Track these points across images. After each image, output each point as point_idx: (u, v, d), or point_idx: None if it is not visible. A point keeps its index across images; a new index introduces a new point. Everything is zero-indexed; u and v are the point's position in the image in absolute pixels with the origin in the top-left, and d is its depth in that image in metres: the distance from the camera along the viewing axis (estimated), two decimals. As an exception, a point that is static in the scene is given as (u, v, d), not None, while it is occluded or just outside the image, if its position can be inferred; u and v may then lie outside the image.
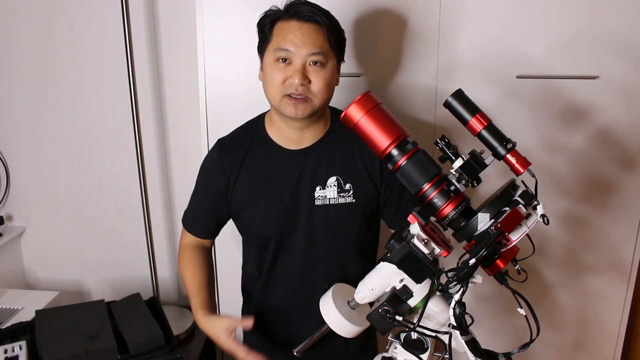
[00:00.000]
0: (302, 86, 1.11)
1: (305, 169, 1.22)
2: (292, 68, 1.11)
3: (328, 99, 1.17)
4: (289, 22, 1.12)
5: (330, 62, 1.14)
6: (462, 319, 0.87)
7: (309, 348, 1.12)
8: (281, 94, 1.13)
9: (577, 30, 1.49)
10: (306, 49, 1.10)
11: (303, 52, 1.10)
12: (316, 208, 1.22)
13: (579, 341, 1.78)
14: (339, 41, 1.17)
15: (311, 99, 1.13)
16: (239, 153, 1.25)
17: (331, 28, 1.13)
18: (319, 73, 1.12)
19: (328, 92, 1.15)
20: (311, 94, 1.13)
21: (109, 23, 1.78)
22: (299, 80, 1.10)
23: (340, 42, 1.18)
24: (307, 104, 1.13)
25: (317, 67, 1.12)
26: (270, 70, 1.14)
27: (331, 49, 1.14)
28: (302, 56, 1.10)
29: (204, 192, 1.32)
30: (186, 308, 1.97)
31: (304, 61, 1.11)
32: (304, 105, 1.13)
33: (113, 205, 2.02)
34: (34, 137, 1.99)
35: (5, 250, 2.03)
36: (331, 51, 1.14)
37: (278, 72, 1.12)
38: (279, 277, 1.29)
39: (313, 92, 1.13)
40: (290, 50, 1.10)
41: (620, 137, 1.58)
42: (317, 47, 1.11)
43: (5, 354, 1.39)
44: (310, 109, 1.14)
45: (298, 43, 1.10)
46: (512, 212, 0.84)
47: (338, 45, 1.17)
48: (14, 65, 1.91)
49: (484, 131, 0.88)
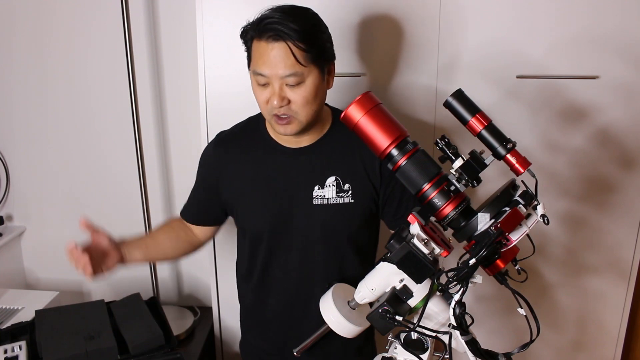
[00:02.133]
0: (282, 107, 1.09)
1: (304, 168, 1.21)
2: (271, 90, 1.09)
3: (316, 110, 1.14)
4: (260, 42, 1.07)
5: (310, 76, 1.09)
6: (462, 319, 0.87)
7: (308, 348, 1.12)
8: (269, 114, 1.13)
9: (577, 30, 1.49)
10: (279, 70, 1.06)
11: (277, 75, 1.07)
12: (314, 208, 1.21)
13: (579, 341, 1.78)
14: (318, 51, 1.09)
15: (294, 117, 1.11)
16: (236, 147, 1.25)
17: (302, 43, 1.05)
18: (296, 92, 1.09)
19: (312, 105, 1.12)
20: (293, 112, 1.11)
21: (109, 23, 1.78)
22: (278, 102, 1.08)
23: (319, 51, 1.10)
24: (293, 124, 1.12)
25: (295, 87, 1.09)
26: (255, 90, 1.13)
27: (307, 62, 1.08)
28: (277, 78, 1.08)
29: (198, 183, 1.35)
30: (186, 308, 1.97)
31: (280, 83, 1.08)
32: (290, 125, 1.12)
33: (113, 205, 2.02)
34: (34, 137, 1.99)
35: (5, 250, 2.03)
36: (308, 65, 1.07)
37: (260, 94, 1.11)
38: (276, 276, 1.29)
39: (294, 110, 1.10)
40: (265, 75, 1.08)
41: (620, 137, 1.58)
42: (287, 69, 1.06)
43: (5, 354, 1.39)
44: (298, 127, 1.13)
45: (270, 66, 1.06)
46: (512, 212, 0.84)
47: (317, 55, 1.09)
48: (14, 66, 1.91)
49: (484, 131, 0.88)
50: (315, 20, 1.12)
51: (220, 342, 1.86)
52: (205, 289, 2.08)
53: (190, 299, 2.12)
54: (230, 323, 1.82)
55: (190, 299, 2.12)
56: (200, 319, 1.91)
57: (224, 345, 1.86)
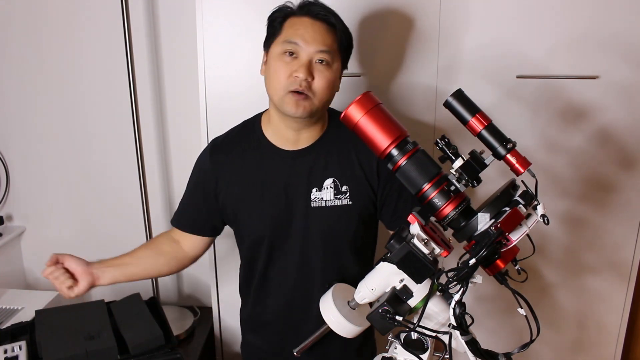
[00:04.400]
0: (305, 81, 1.10)
1: (301, 170, 1.21)
2: (298, 62, 1.11)
3: (328, 100, 1.17)
4: (302, 18, 1.13)
5: (335, 64, 1.15)
6: (462, 319, 0.87)
7: (308, 348, 1.12)
8: (285, 90, 1.12)
9: (577, 31, 1.49)
10: (315, 45, 1.11)
11: (311, 49, 1.11)
12: (312, 210, 1.21)
13: (579, 341, 1.78)
14: (347, 45, 1.18)
15: (311, 97, 1.12)
16: (233, 153, 1.25)
17: (342, 30, 1.15)
18: (323, 72, 1.12)
19: (329, 93, 1.15)
20: (312, 92, 1.12)
21: (108, 23, 1.78)
22: (304, 74, 1.10)
23: (348, 46, 1.19)
24: (307, 102, 1.13)
25: (323, 66, 1.12)
26: (276, 63, 1.13)
27: (338, 50, 1.15)
28: (310, 52, 1.11)
29: (192, 191, 1.33)
30: (186, 308, 1.97)
31: (311, 57, 1.11)
32: (304, 102, 1.12)
33: (113, 205, 2.02)
34: (34, 137, 1.99)
35: (5, 250, 2.03)
36: (338, 53, 1.15)
37: (283, 66, 1.12)
38: (276, 279, 1.29)
39: (314, 90, 1.12)
40: (299, 44, 1.11)
41: (620, 137, 1.58)
42: (325, 46, 1.11)
43: (5, 354, 1.39)
44: (310, 108, 1.13)
45: (308, 38, 1.11)
46: (512, 212, 0.84)
47: (345, 49, 1.18)
48: (14, 66, 1.91)
49: (484, 131, 0.88)
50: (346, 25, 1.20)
51: (220, 342, 1.86)
52: (205, 289, 2.08)
53: (190, 299, 2.12)
54: (230, 323, 1.82)
55: (190, 299, 2.12)
56: (200, 319, 1.91)
57: (224, 345, 1.86)
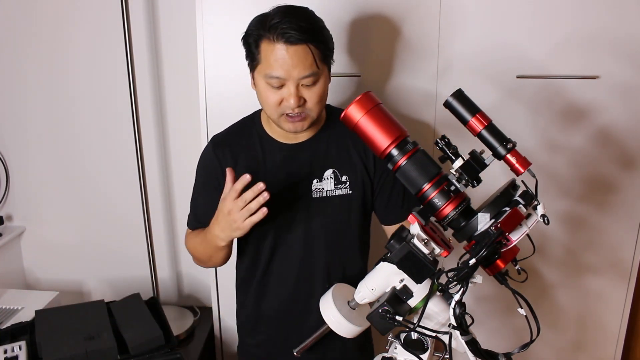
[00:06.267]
0: (298, 107, 1.10)
1: (301, 162, 1.23)
2: (287, 91, 1.09)
3: (324, 106, 1.18)
4: (275, 45, 1.06)
5: (322, 75, 1.12)
6: (462, 319, 0.87)
7: (308, 348, 1.12)
8: (278, 113, 1.13)
9: (577, 30, 1.49)
10: (298, 72, 1.07)
11: (295, 75, 1.08)
12: (314, 200, 1.23)
13: (579, 341, 1.78)
14: (329, 50, 1.13)
15: (308, 114, 1.13)
16: (234, 147, 1.25)
17: (319, 44, 1.09)
18: (313, 89, 1.11)
19: (323, 102, 1.16)
20: (307, 110, 1.13)
21: (108, 23, 1.78)
22: (295, 103, 1.09)
23: (329, 49, 1.14)
24: (305, 120, 1.14)
25: (310, 86, 1.11)
26: (265, 92, 1.12)
27: (323, 61, 1.11)
28: (295, 80, 1.08)
29: (204, 189, 1.30)
30: (186, 308, 1.97)
31: (297, 83, 1.09)
32: (302, 122, 1.14)
33: (113, 205, 2.02)
34: (34, 138, 1.99)
35: (5, 250, 2.03)
36: (323, 63, 1.12)
37: (272, 94, 1.11)
38: (278, 272, 1.29)
39: (309, 108, 1.13)
40: (282, 77, 1.08)
41: (620, 137, 1.58)
42: (307, 69, 1.07)
43: (5, 354, 1.39)
44: (309, 123, 1.16)
45: (288, 68, 1.06)
46: (512, 212, 0.84)
47: (330, 50, 1.14)
48: (14, 66, 1.91)
49: (484, 131, 0.88)
50: (320, 20, 1.13)
51: (220, 342, 1.86)
52: (205, 289, 2.08)
53: (190, 299, 2.12)
54: (230, 323, 1.82)
55: (190, 299, 2.12)
56: (200, 319, 1.91)
57: (224, 345, 1.86)
